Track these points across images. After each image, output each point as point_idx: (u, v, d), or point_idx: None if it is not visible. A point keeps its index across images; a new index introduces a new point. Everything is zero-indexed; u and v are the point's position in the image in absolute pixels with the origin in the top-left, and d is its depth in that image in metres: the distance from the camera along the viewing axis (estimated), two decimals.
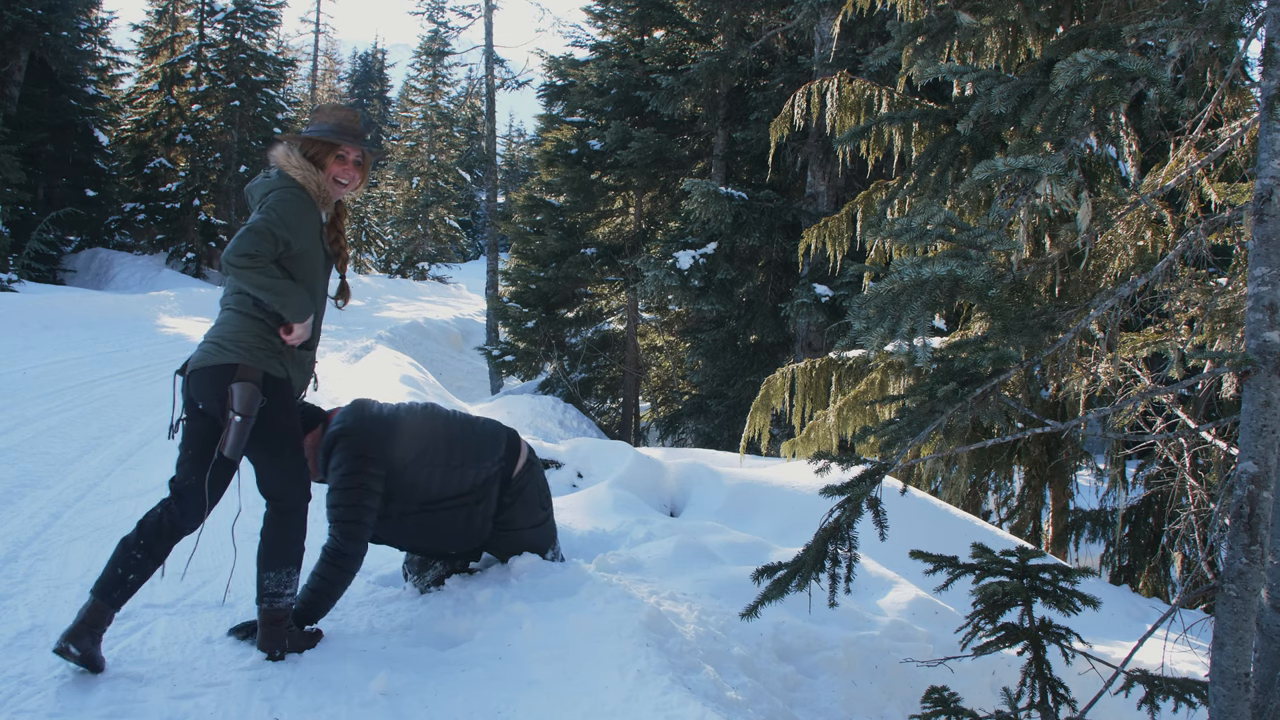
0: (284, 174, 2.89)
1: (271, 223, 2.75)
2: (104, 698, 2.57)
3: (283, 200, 2.81)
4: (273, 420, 2.83)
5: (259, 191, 2.87)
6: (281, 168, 2.90)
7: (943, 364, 2.55)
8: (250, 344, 2.80)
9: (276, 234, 2.75)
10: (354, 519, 3.15)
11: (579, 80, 14.64)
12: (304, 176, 2.89)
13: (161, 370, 9.52)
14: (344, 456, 3.20)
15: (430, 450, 3.36)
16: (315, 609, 3.09)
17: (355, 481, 3.18)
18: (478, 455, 3.44)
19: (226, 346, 2.79)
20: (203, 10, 22.83)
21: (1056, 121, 2.67)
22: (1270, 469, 2.32)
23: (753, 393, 7.84)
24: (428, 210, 32.37)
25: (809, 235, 5.95)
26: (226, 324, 2.83)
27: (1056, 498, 7.09)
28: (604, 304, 15.33)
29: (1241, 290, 3.89)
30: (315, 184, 2.91)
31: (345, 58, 52.54)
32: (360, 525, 3.17)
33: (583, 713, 2.55)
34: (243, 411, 2.74)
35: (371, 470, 3.21)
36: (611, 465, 5.52)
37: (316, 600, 3.09)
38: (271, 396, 2.82)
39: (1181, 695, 2.56)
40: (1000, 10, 4.11)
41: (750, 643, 3.23)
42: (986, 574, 2.74)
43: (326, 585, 3.10)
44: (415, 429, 3.37)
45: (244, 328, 2.81)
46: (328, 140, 2.95)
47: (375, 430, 3.29)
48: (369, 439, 3.25)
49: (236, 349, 2.78)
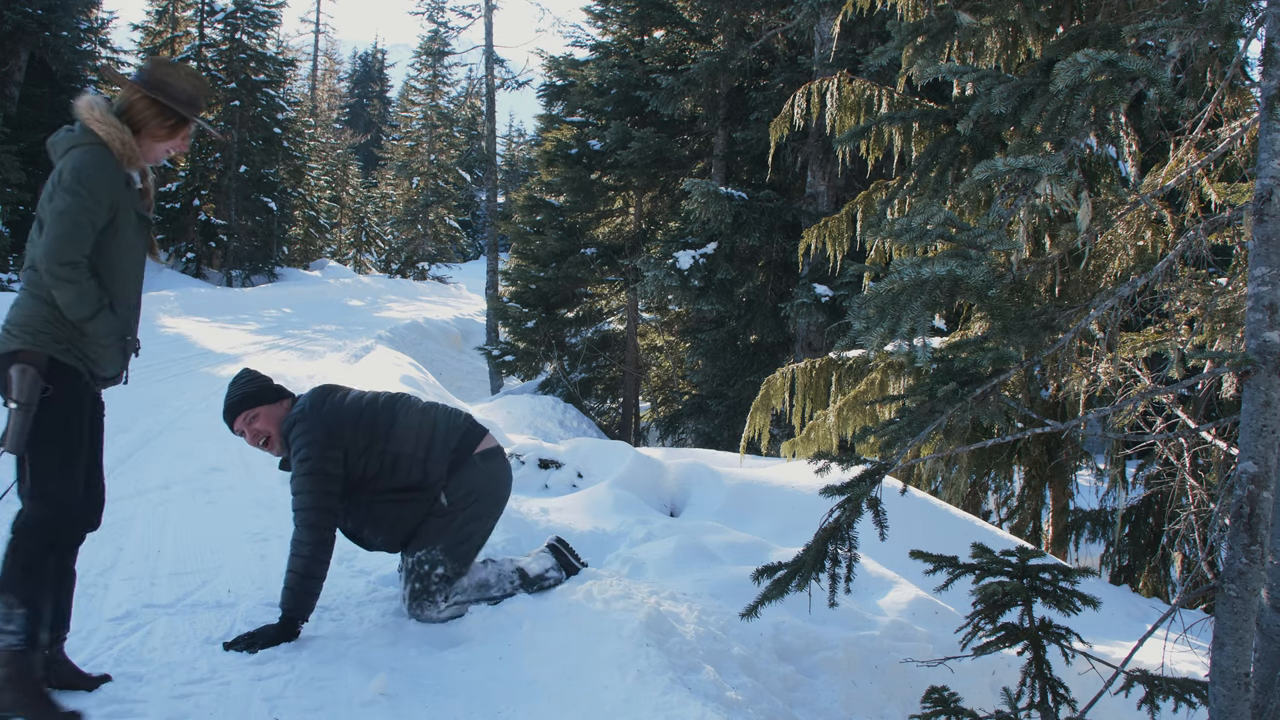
0: (87, 129, 2.57)
1: (78, 212, 2.47)
2: (104, 697, 2.57)
3: (85, 166, 2.50)
4: (52, 413, 2.53)
5: (61, 147, 2.58)
6: (84, 121, 2.57)
7: (943, 364, 2.55)
8: (37, 328, 2.53)
9: (86, 221, 2.49)
10: (311, 505, 3.10)
11: (579, 80, 14.63)
12: (108, 134, 2.56)
13: (161, 370, 9.52)
14: (302, 441, 3.17)
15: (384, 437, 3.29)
16: (297, 605, 3.04)
17: (311, 467, 3.13)
18: (430, 445, 3.34)
19: (13, 331, 2.54)
20: (203, 10, 22.85)
21: (1056, 121, 2.67)
22: (1270, 469, 2.32)
23: (753, 393, 7.83)
24: (428, 210, 32.36)
25: (809, 235, 5.95)
26: (16, 307, 2.58)
27: (1056, 498, 7.09)
28: (604, 304, 15.33)
29: (1241, 290, 3.89)
30: (120, 143, 2.58)
31: (345, 58, 52.55)
32: (318, 511, 3.11)
33: (583, 713, 2.55)
34: (20, 399, 2.48)
35: (330, 454, 3.16)
36: (611, 465, 5.52)
37: (292, 596, 3.04)
38: (57, 385, 2.53)
39: (1181, 695, 2.56)
40: (1000, 10, 4.11)
41: (750, 643, 3.23)
42: (986, 574, 2.73)
43: (295, 578, 3.04)
44: (373, 415, 3.32)
45: (34, 311, 2.54)
46: (179, 112, 2.66)
47: (333, 415, 3.25)
48: (328, 421, 3.22)
49: (21, 333, 2.53)
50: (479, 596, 3.35)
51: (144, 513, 4.42)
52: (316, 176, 30.71)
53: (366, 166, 41.19)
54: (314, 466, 3.14)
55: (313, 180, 29.61)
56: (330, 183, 33.30)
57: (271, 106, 23.73)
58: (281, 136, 24.45)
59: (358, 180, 36.99)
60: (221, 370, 10.16)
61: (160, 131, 2.66)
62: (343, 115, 43.33)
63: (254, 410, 3.27)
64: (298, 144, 26.44)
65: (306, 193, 28.16)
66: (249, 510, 4.59)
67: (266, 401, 3.30)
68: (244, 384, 3.33)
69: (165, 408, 7.25)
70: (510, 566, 3.49)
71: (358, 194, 35.79)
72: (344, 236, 34.41)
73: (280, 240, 25.66)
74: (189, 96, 2.67)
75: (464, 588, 3.32)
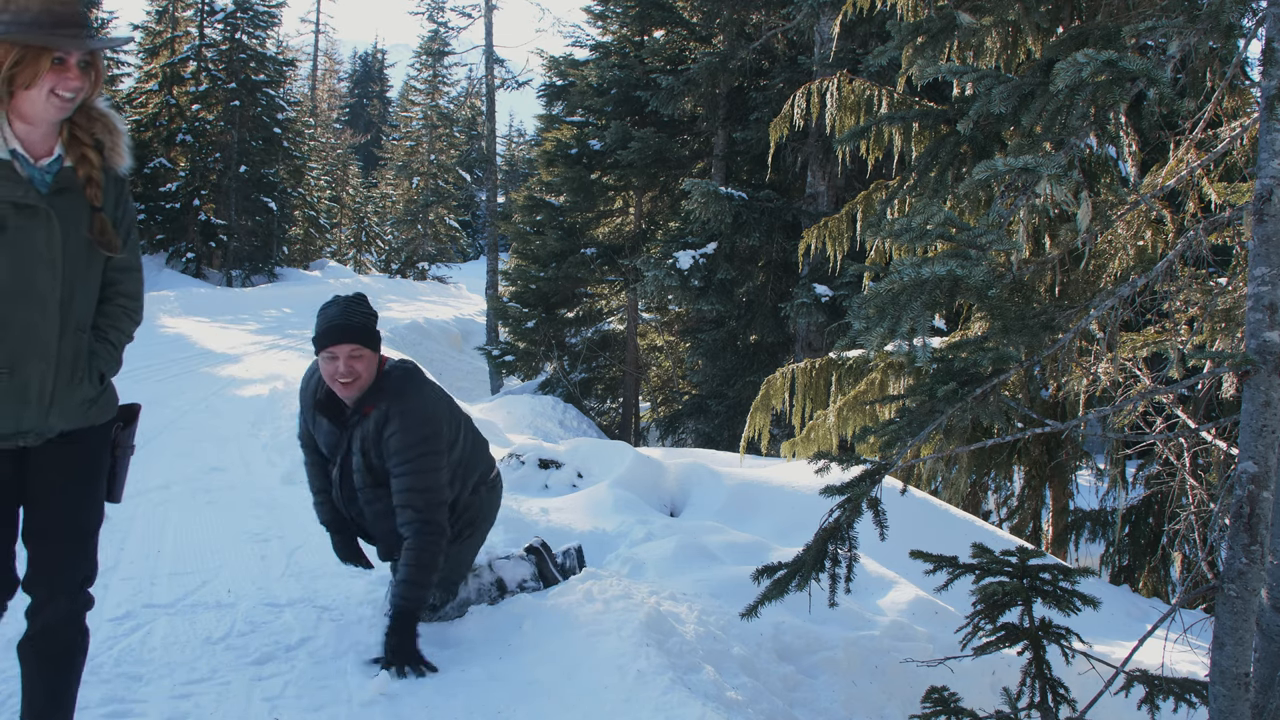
0: None
1: None
2: (104, 697, 2.58)
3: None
4: None
5: None
6: None
7: (943, 364, 2.55)
8: None
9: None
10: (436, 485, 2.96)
11: (579, 80, 14.63)
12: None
13: (161, 370, 9.53)
14: (427, 415, 2.97)
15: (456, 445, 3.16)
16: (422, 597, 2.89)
17: (437, 446, 2.97)
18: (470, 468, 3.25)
19: None
20: (203, 10, 22.84)
21: (1056, 121, 2.67)
22: (1270, 469, 2.32)
23: (753, 393, 7.83)
24: (428, 210, 32.35)
25: (809, 235, 5.95)
26: None
27: (1056, 498, 7.09)
28: (604, 304, 15.33)
29: (1241, 290, 3.89)
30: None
31: (345, 58, 52.53)
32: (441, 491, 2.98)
33: (583, 713, 2.55)
34: None
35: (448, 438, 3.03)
36: (611, 465, 5.51)
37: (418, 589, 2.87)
38: None
39: (1181, 695, 2.56)
40: (1000, 10, 4.11)
41: (750, 643, 3.23)
42: (986, 574, 2.73)
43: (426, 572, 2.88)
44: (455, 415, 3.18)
45: None
46: (28, 43, 1.84)
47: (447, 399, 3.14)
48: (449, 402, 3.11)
49: None
50: (458, 614, 3.30)
51: (144, 513, 4.42)
52: (316, 176, 30.70)
53: (366, 166, 41.19)
54: (439, 446, 2.96)
55: (313, 180, 29.60)
56: (330, 183, 33.30)
57: (271, 106, 23.72)
58: (281, 136, 24.44)
59: (358, 180, 36.99)
60: (221, 370, 10.17)
61: (23, 75, 1.86)
62: (343, 115, 43.29)
63: (365, 349, 2.93)
64: (298, 144, 26.43)
65: (306, 193, 28.15)
66: (249, 510, 4.58)
67: (378, 347, 3.00)
68: (367, 314, 2.96)
69: (165, 408, 7.25)
70: (490, 578, 3.43)
71: (358, 194, 35.78)
72: (344, 236, 34.40)
73: (280, 240, 25.65)
74: (36, 15, 1.85)
75: (446, 611, 3.28)
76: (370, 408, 2.97)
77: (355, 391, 2.94)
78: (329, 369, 2.91)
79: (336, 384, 2.92)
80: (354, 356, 2.89)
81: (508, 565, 3.53)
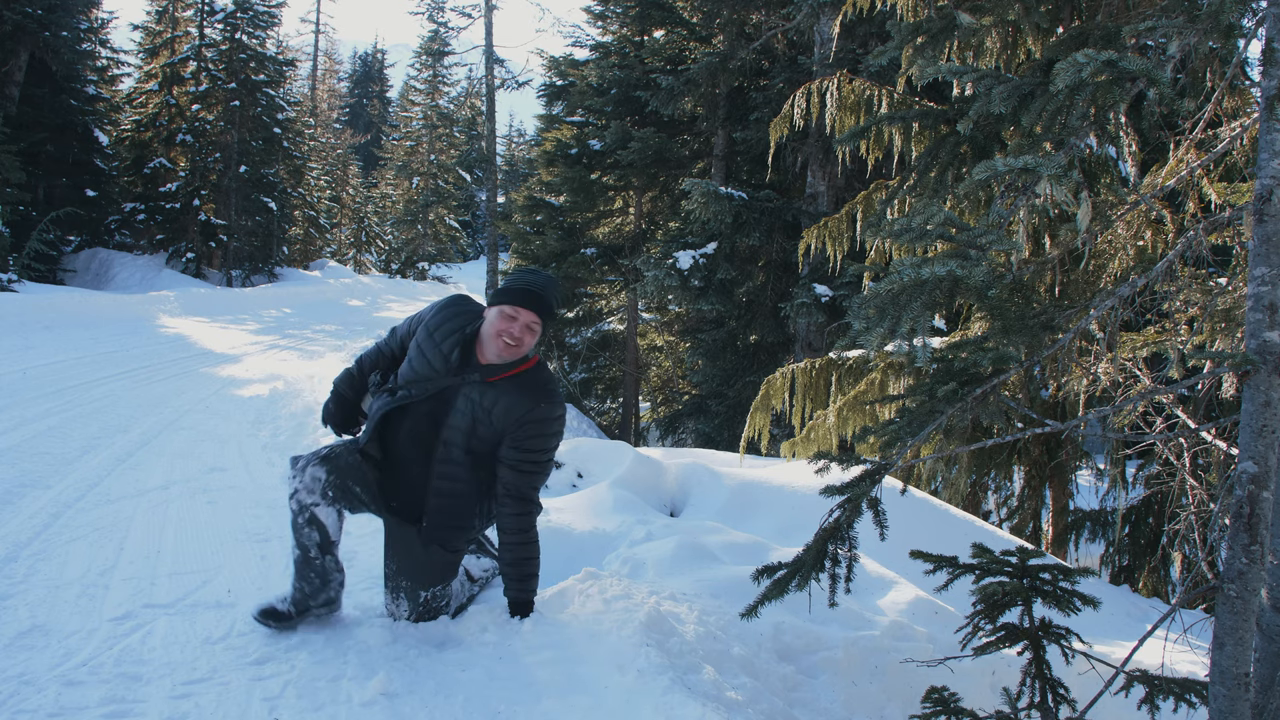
0: None
1: None
2: (104, 697, 2.58)
3: None
4: None
5: None
6: None
7: (943, 364, 2.55)
8: None
9: None
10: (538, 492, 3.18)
11: (579, 80, 14.64)
12: None
13: (161, 370, 9.52)
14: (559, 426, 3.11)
15: None
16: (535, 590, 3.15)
17: (551, 457, 3.16)
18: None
19: None
20: (203, 10, 22.84)
21: (1056, 121, 2.67)
22: (1270, 469, 2.32)
23: (753, 393, 7.83)
24: (428, 210, 32.37)
25: (809, 235, 5.95)
26: None
27: (1056, 498, 7.10)
28: (604, 304, 15.33)
29: (1241, 290, 3.89)
30: None
31: (345, 58, 52.55)
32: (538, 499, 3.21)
33: (582, 713, 2.55)
34: None
35: None
36: (611, 465, 5.51)
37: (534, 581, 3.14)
38: None
39: (1181, 695, 2.55)
40: (1000, 10, 4.11)
41: (750, 643, 3.23)
42: (986, 574, 2.73)
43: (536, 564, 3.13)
44: None
45: None
46: None
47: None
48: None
49: None
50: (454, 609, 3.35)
51: (144, 513, 4.42)
52: (316, 176, 30.71)
53: (366, 166, 41.21)
54: (552, 458, 3.14)
55: (313, 180, 29.62)
56: (330, 183, 33.31)
57: (271, 106, 23.73)
58: (281, 136, 24.45)
59: (358, 180, 37.00)
60: (221, 370, 10.16)
61: None
62: (343, 115, 43.31)
63: (540, 326, 3.01)
64: (298, 144, 26.45)
65: (306, 193, 28.17)
66: (249, 510, 4.58)
67: (546, 332, 3.15)
68: (557, 297, 3.06)
69: (165, 408, 7.25)
70: (461, 574, 3.49)
71: (358, 194, 35.79)
72: (344, 236, 34.41)
73: (280, 240, 25.67)
74: None
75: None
76: (497, 377, 2.99)
77: (511, 356, 2.97)
78: (502, 324, 2.93)
79: (500, 340, 2.93)
80: (530, 326, 2.95)
81: (469, 559, 3.59)
